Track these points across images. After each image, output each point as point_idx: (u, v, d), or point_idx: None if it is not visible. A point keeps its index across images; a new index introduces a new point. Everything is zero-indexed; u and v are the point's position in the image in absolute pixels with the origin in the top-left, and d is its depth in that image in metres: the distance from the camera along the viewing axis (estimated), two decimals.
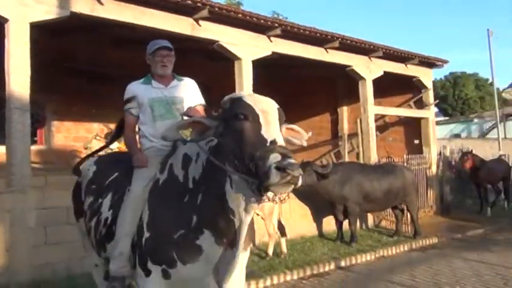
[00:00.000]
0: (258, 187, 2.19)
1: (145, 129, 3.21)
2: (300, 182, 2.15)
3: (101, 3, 6.27)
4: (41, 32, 6.16)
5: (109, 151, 9.16)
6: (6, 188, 5.34)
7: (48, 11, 5.85)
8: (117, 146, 9.23)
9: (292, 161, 2.11)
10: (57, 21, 6.07)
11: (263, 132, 2.27)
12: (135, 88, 3.23)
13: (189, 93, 3.27)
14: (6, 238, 5.26)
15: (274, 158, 2.12)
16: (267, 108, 2.37)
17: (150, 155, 3.10)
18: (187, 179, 2.72)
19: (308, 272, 6.08)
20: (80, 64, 10.57)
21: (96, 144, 10.98)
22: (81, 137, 11.40)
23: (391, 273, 6.12)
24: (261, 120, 2.31)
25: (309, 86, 13.66)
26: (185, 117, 2.89)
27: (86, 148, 10.62)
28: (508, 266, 6.37)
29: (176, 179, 2.78)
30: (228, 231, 2.54)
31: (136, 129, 3.44)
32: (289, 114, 4.27)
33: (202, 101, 3.32)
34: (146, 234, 2.74)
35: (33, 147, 9.82)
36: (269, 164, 2.10)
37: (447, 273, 6.08)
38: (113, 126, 11.04)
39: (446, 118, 38.63)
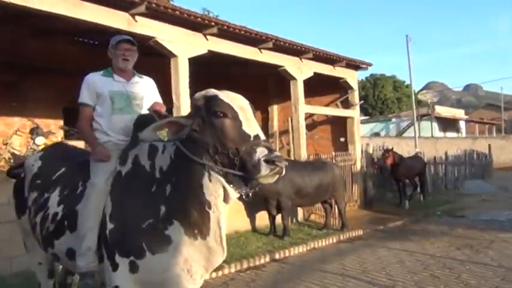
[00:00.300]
0: (247, 179, 2.38)
1: (102, 122, 3.16)
2: (284, 172, 2.35)
3: None
4: None
5: (34, 147, 8.85)
6: None
7: None
8: (43, 142, 8.89)
9: (278, 153, 2.34)
10: None
11: (245, 128, 2.43)
12: (95, 79, 3.19)
13: (148, 91, 3.30)
14: None
15: (261, 152, 2.32)
16: (243, 105, 2.53)
17: (109, 148, 3.08)
18: (154, 169, 2.77)
19: (245, 265, 6.29)
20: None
21: (17, 140, 10.46)
22: (1, 131, 10.76)
23: (322, 263, 6.50)
24: (241, 116, 2.46)
25: (241, 85, 13.63)
26: (149, 112, 3.02)
27: (5, 144, 10.05)
28: (425, 253, 6.98)
29: (143, 168, 2.82)
30: (201, 223, 2.60)
31: None
32: None
33: (160, 100, 3.34)
34: (110, 226, 2.75)
35: None
36: (257, 157, 2.30)
37: (373, 261, 6.57)
38: (37, 120, 10.56)
39: (367, 117, 40.76)
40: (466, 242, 7.68)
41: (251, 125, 2.45)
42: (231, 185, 2.49)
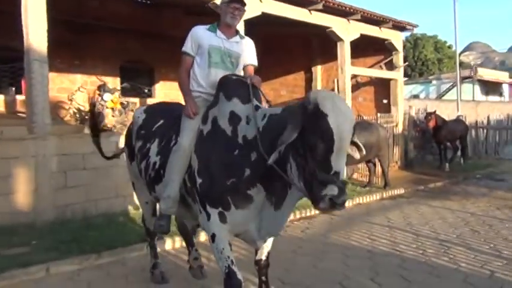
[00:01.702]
0: (309, 196, 2.52)
1: (198, 73, 3.39)
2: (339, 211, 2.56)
3: None
4: None
5: (102, 103, 9.56)
6: (28, 135, 5.73)
7: None
8: (110, 98, 9.57)
9: (344, 198, 2.41)
10: None
11: (332, 159, 2.42)
12: (199, 31, 3.41)
13: (246, 52, 3.49)
14: (32, 181, 5.71)
15: (331, 190, 2.37)
16: (345, 136, 2.46)
17: (199, 104, 3.31)
18: (236, 134, 2.97)
19: (298, 215, 6.88)
20: (60, 14, 10.57)
21: (80, 96, 11.22)
22: (66, 88, 11.53)
23: (369, 217, 7.03)
24: (335, 146, 2.42)
25: (286, 45, 14.14)
26: (243, 79, 3.21)
27: (70, 100, 10.82)
28: (466, 211, 7.39)
29: (223, 132, 3.03)
30: (280, 196, 2.84)
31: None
32: (267, 72, 4.81)
33: (255, 63, 3.57)
34: (199, 180, 3.05)
35: (20, 98, 9.98)
36: (325, 193, 2.38)
37: (416, 217, 7.05)
38: (100, 77, 11.25)
39: (406, 79, 40.03)
40: (506, 203, 8.00)
41: (339, 160, 2.45)
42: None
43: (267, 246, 3.39)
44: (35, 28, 5.77)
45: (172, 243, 5.30)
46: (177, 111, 3.55)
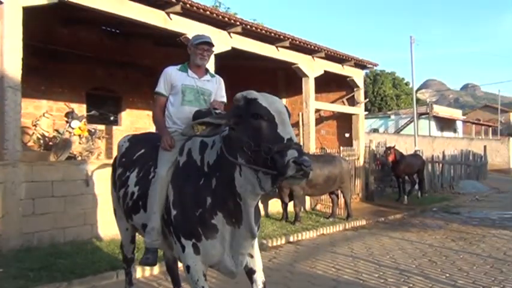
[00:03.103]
0: (276, 177, 2.57)
1: (172, 111, 3.53)
2: (310, 176, 2.56)
3: None
4: None
5: (70, 130, 9.51)
6: None
7: None
8: (78, 126, 9.55)
9: (306, 157, 2.49)
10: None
11: (279, 130, 2.60)
12: (172, 72, 3.56)
13: (216, 89, 3.67)
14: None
15: (292, 154, 2.49)
16: (280, 109, 2.70)
17: (176, 138, 3.41)
18: (203, 163, 3.07)
19: (264, 245, 7.02)
20: (29, 40, 10.57)
21: (45, 122, 11.11)
22: (30, 113, 11.38)
23: (333, 247, 7.26)
24: (277, 120, 2.64)
25: (253, 78, 14.49)
26: (208, 107, 3.32)
27: (34, 125, 10.69)
28: (424, 243, 7.75)
29: (194, 162, 3.14)
30: (236, 213, 2.90)
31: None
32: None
33: (225, 99, 3.73)
34: (173, 212, 3.11)
35: None
36: (288, 158, 2.47)
37: (378, 247, 7.33)
38: (62, 104, 11.21)
39: (366, 113, 41.44)
40: (460, 236, 8.44)
41: (285, 129, 2.62)
42: (259, 181, 2.67)
43: (260, 276, 3.23)
44: (11, 56, 5.82)
45: (142, 272, 5.33)
46: (159, 141, 3.59)
